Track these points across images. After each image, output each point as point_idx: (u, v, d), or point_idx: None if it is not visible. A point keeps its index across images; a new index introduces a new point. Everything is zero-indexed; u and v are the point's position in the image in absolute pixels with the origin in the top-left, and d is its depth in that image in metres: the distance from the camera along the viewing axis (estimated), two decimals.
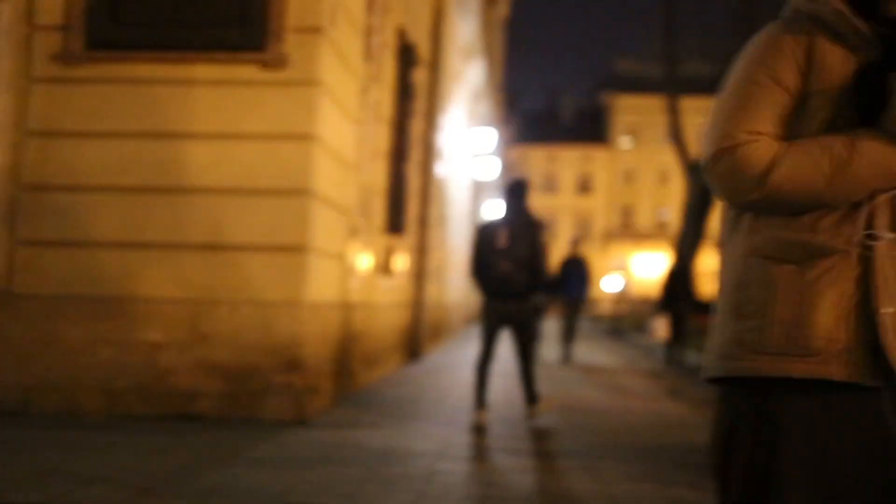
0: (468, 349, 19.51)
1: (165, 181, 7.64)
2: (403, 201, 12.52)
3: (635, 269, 73.15)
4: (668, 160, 54.75)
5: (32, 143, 7.69)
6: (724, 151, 1.96)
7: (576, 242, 17.91)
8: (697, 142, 30.50)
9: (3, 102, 7.66)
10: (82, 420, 7.37)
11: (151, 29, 7.60)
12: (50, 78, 7.68)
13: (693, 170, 24.66)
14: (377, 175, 10.95)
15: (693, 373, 14.18)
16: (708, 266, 40.85)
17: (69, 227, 7.63)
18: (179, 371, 7.55)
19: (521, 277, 8.05)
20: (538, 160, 75.67)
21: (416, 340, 14.32)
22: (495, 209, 39.18)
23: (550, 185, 76.32)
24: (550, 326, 20.97)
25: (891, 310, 1.90)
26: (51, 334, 7.58)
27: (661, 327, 17.08)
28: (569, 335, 16.50)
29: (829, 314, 1.92)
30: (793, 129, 1.97)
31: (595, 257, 59.27)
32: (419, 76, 13.40)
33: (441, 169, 16.56)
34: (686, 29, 40.83)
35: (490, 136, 23.17)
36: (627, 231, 74.96)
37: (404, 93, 12.07)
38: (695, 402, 10.51)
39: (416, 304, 14.43)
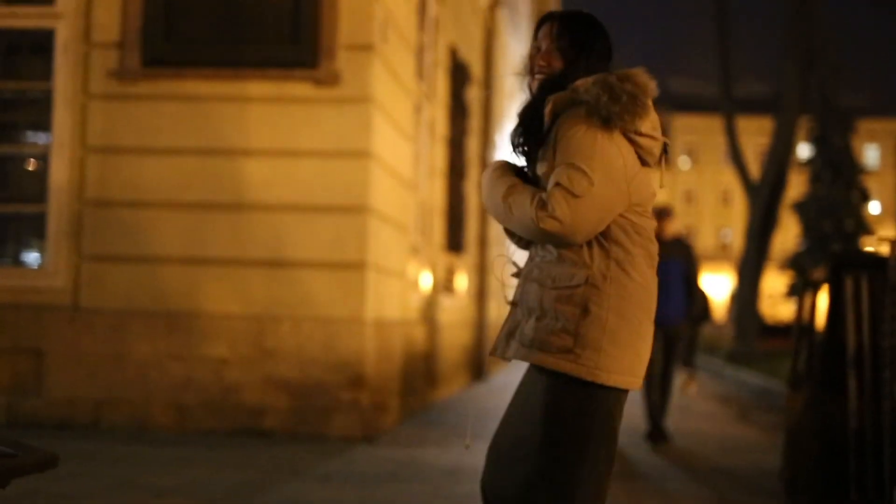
0: None
1: (225, 197, 7.72)
2: (463, 219, 12.51)
3: None
4: (729, 180, 54.13)
5: (93, 159, 7.81)
6: None
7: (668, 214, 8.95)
8: (757, 162, 29.86)
9: (63, 118, 7.81)
10: (153, 434, 7.44)
11: (205, 46, 7.70)
12: (107, 94, 7.81)
13: (754, 190, 24.23)
14: (435, 193, 10.95)
15: (761, 395, 13.90)
16: (773, 288, 40.24)
17: (132, 243, 7.73)
18: (246, 386, 7.58)
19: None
20: None
21: (480, 359, 14.25)
22: None
23: None
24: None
25: None
26: (119, 349, 7.67)
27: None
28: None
29: None
30: None
31: None
32: (473, 94, 13.41)
33: None
34: (739, 49, 40.34)
35: None
36: None
37: (459, 110, 12.07)
38: (763, 425, 10.25)
39: (479, 323, 14.37)
